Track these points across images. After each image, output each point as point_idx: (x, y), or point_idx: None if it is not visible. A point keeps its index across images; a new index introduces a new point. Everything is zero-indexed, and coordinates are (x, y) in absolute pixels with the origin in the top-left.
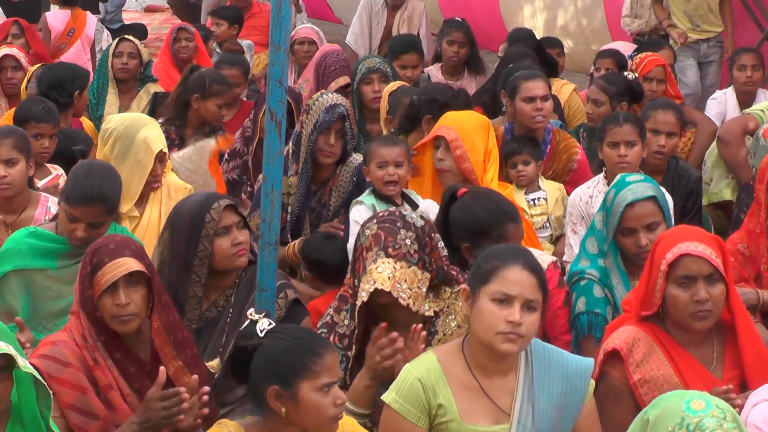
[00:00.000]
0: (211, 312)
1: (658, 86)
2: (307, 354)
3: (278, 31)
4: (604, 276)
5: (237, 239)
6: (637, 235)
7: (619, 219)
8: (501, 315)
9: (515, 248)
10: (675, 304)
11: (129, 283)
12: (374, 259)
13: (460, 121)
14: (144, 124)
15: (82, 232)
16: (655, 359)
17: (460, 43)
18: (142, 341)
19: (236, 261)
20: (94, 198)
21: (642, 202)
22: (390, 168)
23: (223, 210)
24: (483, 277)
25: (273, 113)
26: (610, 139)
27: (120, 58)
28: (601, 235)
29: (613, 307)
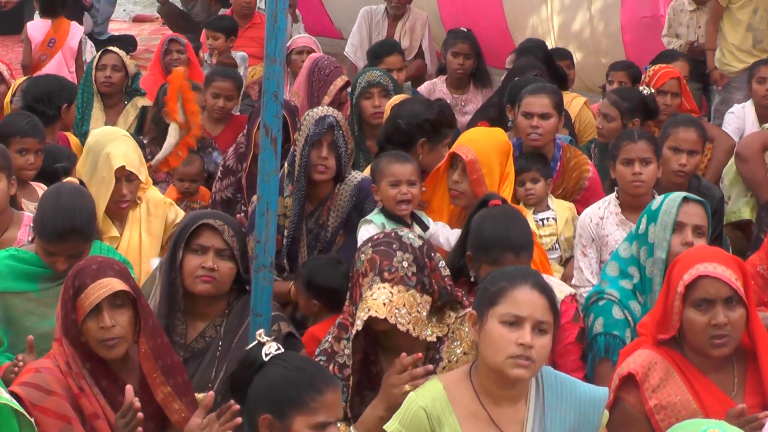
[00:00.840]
0: (198, 343)
1: (673, 100)
2: (307, 388)
3: (273, 42)
4: (624, 297)
5: (207, 263)
6: (685, 232)
7: (676, 214)
8: (511, 338)
9: (524, 269)
10: (692, 328)
11: (113, 305)
12: (370, 285)
13: (479, 143)
14: (112, 139)
15: (62, 264)
16: (672, 384)
17: (466, 55)
18: (129, 367)
19: (197, 285)
20: (68, 233)
21: (695, 204)
22: (403, 186)
23: (206, 229)
24: (491, 299)
25: (268, 129)
26: (623, 156)
27: (103, 71)
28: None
29: (632, 330)
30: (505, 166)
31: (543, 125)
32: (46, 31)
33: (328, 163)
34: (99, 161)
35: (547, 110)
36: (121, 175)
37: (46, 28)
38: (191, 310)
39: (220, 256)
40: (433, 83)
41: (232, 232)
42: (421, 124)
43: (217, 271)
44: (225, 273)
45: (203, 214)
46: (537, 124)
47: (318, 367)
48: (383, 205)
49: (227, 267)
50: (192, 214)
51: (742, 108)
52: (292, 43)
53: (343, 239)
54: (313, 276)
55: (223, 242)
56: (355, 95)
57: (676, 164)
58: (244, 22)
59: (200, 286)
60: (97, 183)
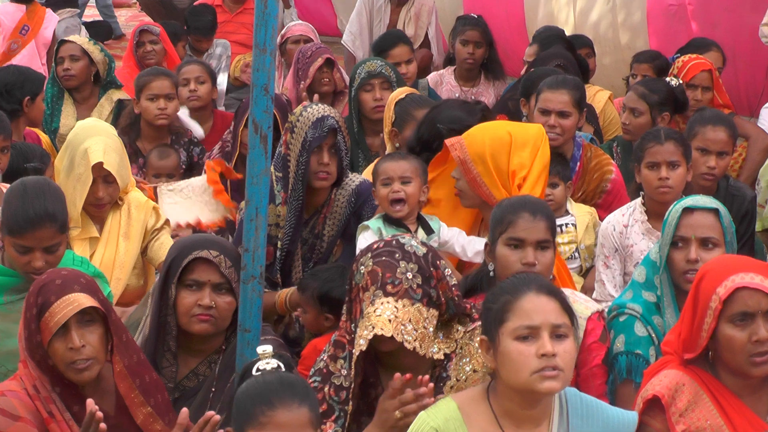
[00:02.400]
0: (191, 380)
1: (704, 94)
2: (260, 402)
3: (263, 30)
4: (647, 311)
5: (204, 301)
6: (689, 247)
7: (675, 226)
8: (530, 352)
9: (522, 277)
10: (730, 346)
11: (82, 322)
12: (372, 300)
13: (473, 137)
14: (92, 134)
15: (39, 261)
16: (701, 408)
17: (476, 43)
18: (103, 390)
19: (194, 325)
20: (41, 218)
21: (703, 211)
22: (395, 184)
23: (199, 263)
24: (498, 317)
25: (258, 125)
26: (649, 159)
27: (61, 64)
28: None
29: (656, 347)
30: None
31: (561, 124)
32: (18, 16)
33: (330, 168)
34: (76, 156)
35: (566, 108)
36: (98, 174)
37: (19, 13)
38: (185, 345)
39: (218, 291)
40: (440, 75)
41: (229, 262)
42: (463, 130)
43: (215, 308)
44: (224, 309)
45: (196, 244)
46: (554, 122)
47: (285, 384)
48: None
49: (226, 302)
50: (182, 244)
51: None
52: (287, 32)
53: (341, 250)
54: (328, 289)
55: (220, 276)
56: (354, 88)
57: (704, 167)
58: (235, 6)
59: (197, 326)
60: (74, 180)
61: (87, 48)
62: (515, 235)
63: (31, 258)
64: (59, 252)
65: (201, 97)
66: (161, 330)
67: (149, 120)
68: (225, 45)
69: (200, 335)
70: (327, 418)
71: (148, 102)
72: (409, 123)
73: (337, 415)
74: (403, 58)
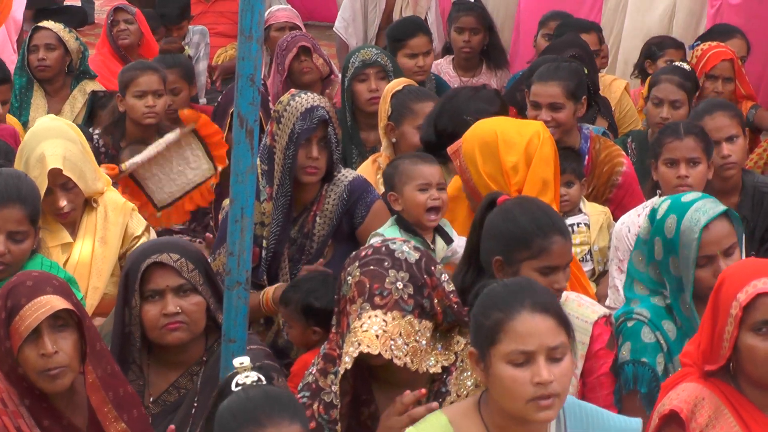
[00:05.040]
0: (171, 395)
1: (725, 86)
2: (246, 421)
3: (249, 15)
4: (656, 316)
5: (167, 309)
6: (716, 263)
7: (698, 248)
8: (525, 379)
9: (514, 287)
10: (752, 356)
11: (54, 327)
12: (359, 313)
13: (465, 139)
14: (49, 136)
15: (1, 245)
16: (723, 423)
17: (472, 30)
18: (75, 403)
19: (166, 336)
20: (11, 199)
21: (717, 222)
22: (433, 191)
23: (155, 269)
24: (488, 336)
25: (243, 119)
26: (667, 155)
27: (35, 53)
28: (647, 277)
29: (666, 355)
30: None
31: (554, 117)
32: None
33: (319, 163)
34: (31, 159)
35: (556, 100)
36: (56, 182)
37: None
38: (161, 358)
39: (181, 294)
40: (438, 64)
41: (191, 265)
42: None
43: (182, 313)
44: (193, 311)
45: (149, 248)
46: (545, 117)
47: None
48: (398, 216)
49: (192, 303)
50: (137, 251)
51: None
52: (271, 17)
53: (332, 251)
54: (312, 300)
55: (179, 279)
56: (347, 78)
57: (719, 158)
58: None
59: (170, 336)
60: None
61: (62, 36)
62: (550, 264)
63: None
64: (24, 245)
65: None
66: (125, 343)
67: (136, 119)
68: (203, 32)
69: (176, 345)
70: None
71: (135, 99)
72: (408, 117)
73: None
74: (422, 49)
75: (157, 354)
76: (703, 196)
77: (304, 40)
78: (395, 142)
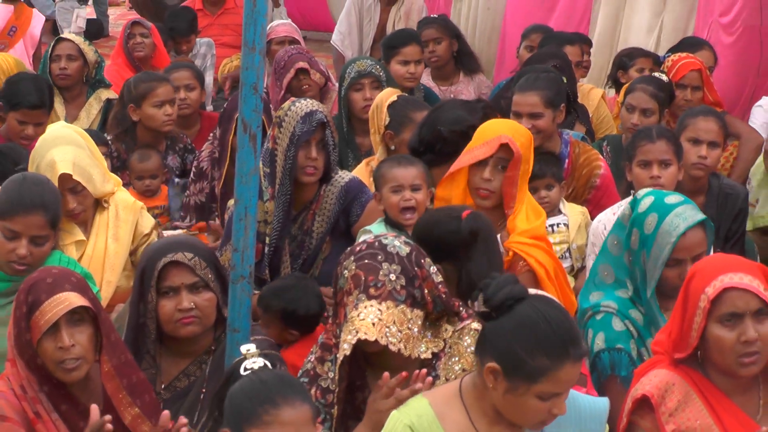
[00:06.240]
0: (181, 381)
1: (693, 94)
2: (263, 402)
3: (252, 29)
4: (623, 307)
5: (182, 305)
6: (683, 266)
7: (671, 251)
8: (545, 408)
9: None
10: (719, 346)
11: (72, 321)
12: (355, 304)
13: (524, 138)
14: (58, 143)
15: (24, 249)
16: (691, 408)
17: (435, 40)
18: (91, 390)
19: (180, 330)
20: (35, 205)
21: (694, 230)
22: (406, 192)
23: (171, 267)
24: (530, 375)
25: (247, 125)
26: (641, 157)
27: (57, 62)
28: (618, 262)
29: (637, 341)
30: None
31: (535, 125)
32: (7, 17)
33: (318, 164)
34: (42, 165)
35: (535, 109)
36: (65, 187)
37: (7, 14)
38: (173, 348)
39: (195, 291)
40: None
41: (204, 263)
42: (466, 131)
43: (196, 308)
44: (205, 306)
45: (165, 247)
46: (526, 125)
47: (285, 383)
48: (386, 215)
49: (205, 299)
50: (153, 248)
51: None
52: (272, 32)
53: (329, 247)
54: (293, 309)
55: (193, 276)
56: (343, 87)
57: (695, 156)
58: (215, 9)
59: (184, 330)
60: None
61: (82, 48)
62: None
63: (16, 245)
64: (45, 248)
65: (191, 105)
66: (139, 334)
67: (156, 127)
68: (209, 44)
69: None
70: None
71: (154, 109)
72: (407, 126)
73: (324, 417)
74: (414, 57)
75: (169, 344)
76: (685, 201)
77: (301, 59)
78: (394, 149)
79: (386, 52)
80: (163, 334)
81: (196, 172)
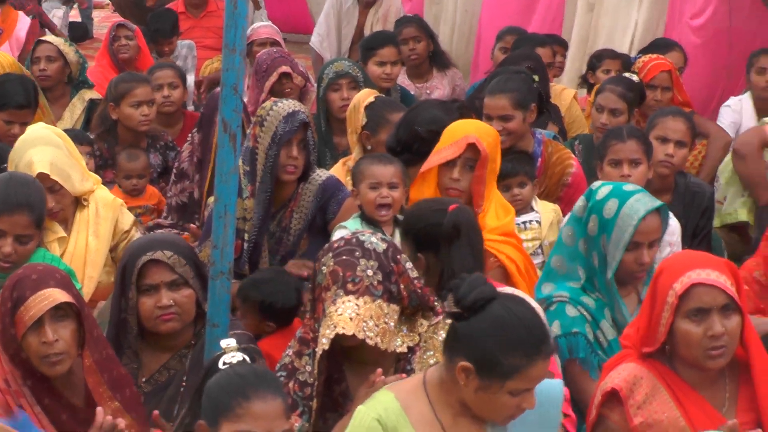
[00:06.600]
0: (162, 375)
1: (663, 94)
2: (235, 394)
3: (233, 31)
4: (575, 294)
5: (161, 302)
6: (640, 251)
7: (632, 234)
8: (513, 403)
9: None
10: (686, 340)
11: (56, 317)
12: (333, 299)
13: (490, 134)
14: (37, 144)
15: (9, 247)
16: (659, 401)
17: (414, 38)
18: (73, 384)
19: (160, 326)
20: (21, 205)
21: (652, 215)
22: (383, 189)
23: (150, 265)
24: (505, 373)
25: (227, 124)
26: (612, 156)
27: (38, 64)
28: (572, 252)
29: (592, 324)
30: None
31: (505, 127)
32: None
33: (298, 162)
34: (20, 165)
35: (505, 112)
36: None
37: None
38: (154, 342)
39: (174, 288)
40: None
41: (183, 260)
42: (441, 130)
43: (175, 305)
44: (185, 303)
45: (145, 245)
46: (497, 127)
47: (259, 377)
48: (361, 211)
49: (184, 296)
50: (134, 246)
51: (739, 101)
52: (253, 33)
53: (307, 243)
54: (271, 302)
55: (172, 274)
56: (322, 87)
57: (662, 154)
58: (197, 11)
59: (164, 326)
60: None
61: (63, 49)
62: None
63: (2, 244)
64: (30, 246)
65: (174, 102)
66: (120, 329)
67: (132, 126)
68: (190, 45)
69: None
70: (292, 412)
71: (131, 109)
72: (383, 126)
73: (302, 410)
74: (391, 59)
75: (150, 339)
76: (641, 189)
77: (284, 63)
78: (371, 149)
79: (363, 53)
80: (144, 330)
81: (177, 172)
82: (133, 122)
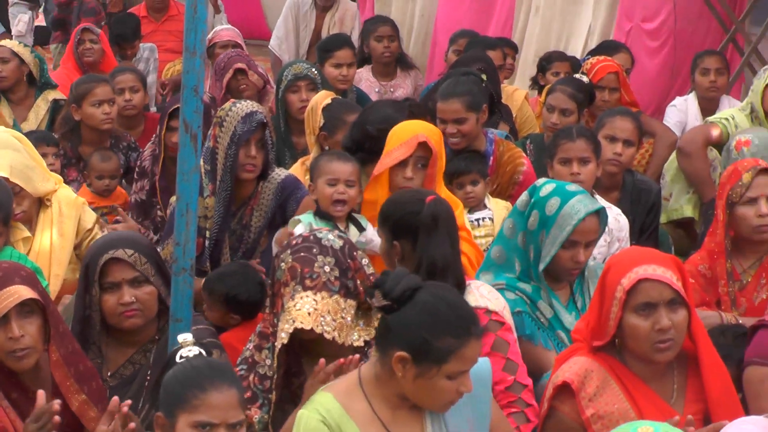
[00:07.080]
0: (127, 369)
1: (611, 95)
2: (191, 386)
3: (194, 34)
4: (511, 281)
5: (123, 299)
6: (577, 249)
7: (570, 233)
8: (452, 387)
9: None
10: (635, 334)
11: (22, 313)
12: (292, 295)
13: (435, 133)
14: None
15: None
16: (609, 393)
17: (389, 37)
18: (41, 378)
19: (123, 323)
20: None
21: (592, 217)
22: (340, 186)
23: (112, 264)
24: (439, 357)
25: (188, 125)
26: (561, 155)
27: None
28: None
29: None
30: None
31: (459, 129)
32: None
33: (257, 161)
34: None
35: (458, 115)
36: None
37: None
38: (118, 338)
39: (135, 285)
40: (358, 73)
41: (144, 258)
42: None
43: (137, 302)
44: (146, 300)
45: (107, 244)
46: (452, 130)
47: (214, 369)
48: (317, 205)
49: (146, 293)
50: (95, 246)
51: (684, 101)
52: (215, 36)
53: (267, 240)
54: (235, 294)
55: (133, 272)
56: (281, 89)
57: (611, 153)
58: (159, 15)
59: (127, 322)
60: None
61: (16, 50)
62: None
63: None
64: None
65: (136, 106)
66: (85, 325)
67: (95, 125)
68: (152, 48)
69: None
70: (252, 404)
71: (93, 108)
72: (340, 127)
73: (262, 402)
74: (347, 60)
75: (115, 334)
76: (583, 191)
77: (239, 60)
78: (328, 149)
79: (321, 55)
80: (108, 326)
81: (139, 171)
82: (95, 121)
